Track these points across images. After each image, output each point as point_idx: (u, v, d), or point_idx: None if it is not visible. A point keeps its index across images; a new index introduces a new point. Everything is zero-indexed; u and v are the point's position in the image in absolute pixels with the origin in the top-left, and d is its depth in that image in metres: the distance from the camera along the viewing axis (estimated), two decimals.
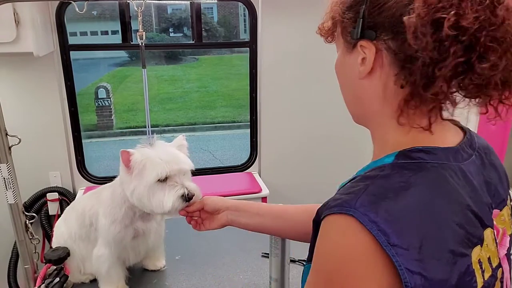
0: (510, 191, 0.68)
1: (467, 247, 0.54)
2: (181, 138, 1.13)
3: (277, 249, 1.08)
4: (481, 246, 0.56)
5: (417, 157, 0.57)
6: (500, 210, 0.64)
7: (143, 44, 1.68)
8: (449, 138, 0.61)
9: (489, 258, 0.58)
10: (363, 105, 0.66)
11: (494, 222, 0.61)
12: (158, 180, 1.01)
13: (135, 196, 1.04)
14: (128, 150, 1.01)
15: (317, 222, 0.58)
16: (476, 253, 0.55)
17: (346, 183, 0.61)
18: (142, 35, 1.64)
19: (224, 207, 1.03)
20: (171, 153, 1.05)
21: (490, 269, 0.58)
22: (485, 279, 0.57)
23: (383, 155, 0.61)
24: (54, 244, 1.25)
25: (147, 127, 1.14)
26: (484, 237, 0.57)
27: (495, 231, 0.61)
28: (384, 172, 0.56)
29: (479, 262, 0.56)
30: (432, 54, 0.52)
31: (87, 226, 1.20)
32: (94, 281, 1.25)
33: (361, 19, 0.60)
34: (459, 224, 0.53)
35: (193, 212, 1.04)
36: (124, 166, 1.03)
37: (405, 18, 0.53)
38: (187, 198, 1.01)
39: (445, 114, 0.62)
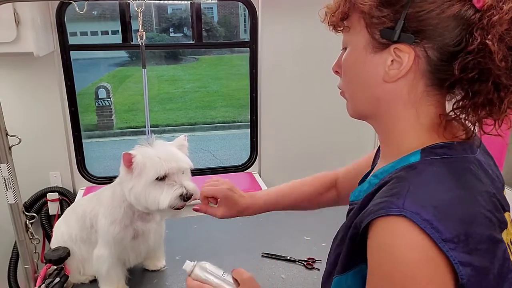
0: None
1: (500, 232, 0.56)
2: (182, 138, 1.14)
3: None
4: (507, 229, 0.58)
5: (442, 153, 0.59)
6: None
7: (143, 44, 1.68)
8: (458, 133, 0.63)
9: (510, 241, 0.60)
10: (379, 106, 0.65)
11: None
12: (157, 178, 1.01)
13: (132, 194, 1.04)
14: (130, 152, 1.02)
15: (355, 234, 0.58)
16: (505, 237, 0.57)
17: (370, 192, 0.61)
18: (142, 35, 1.64)
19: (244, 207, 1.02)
20: (170, 152, 1.05)
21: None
22: None
23: (401, 154, 0.62)
24: (54, 244, 1.25)
25: (146, 127, 1.14)
26: (507, 220, 0.59)
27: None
28: (417, 170, 0.57)
29: (508, 245, 0.58)
30: (506, 78, 0.55)
31: (88, 228, 1.20)
32: (94, 281, 1.25)
33: (403, 21, 0.57)
34: (491, 211, 0.55)
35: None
36: (125, 167, 1.03)
37: (489, 43, 0.53)
38: (186, 197, 1.02)
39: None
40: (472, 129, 0.60)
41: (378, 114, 0.66)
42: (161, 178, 1.02)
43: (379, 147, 0.86)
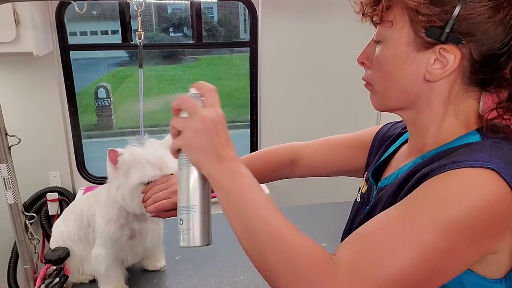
0: None
1: None
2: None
3: None
4: None
5: (494, 131, 0.61)
6: None
7: (141, 44, 1.67)
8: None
9: None
10: (416, 102, 0.65)
11: None
12: (141, 182, 1.00)
13: (119, 194, 1.04)
14: (116, 149, 1.02)
15: (418, 181, 0.57)
16: None
17: (428, 158, 0.62)
18: (141, 35, 1.63)
19: None
20: (159, 156, 1.02)
21: None
22: None
23: (441, 142, 0.63)
24: (53, 243, 1.25)
25: (140, 127, 1.15)
26: None
27: None
28: (487, 141, 0.59)
29: None
30: None
31: (85, 227, 1.19)
32: (93, 281, 1.25)
33: (453, 22, 0.56)
34: None
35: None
36: (111, 164, 1.03)
37: None
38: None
39: None
40: None
41: (414, 108, 0.66)
42: (146, 183, 1.00)
43: (374, 147, 0.86)
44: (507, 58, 0.58)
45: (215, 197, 0.59)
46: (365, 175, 0.84)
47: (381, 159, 0.79)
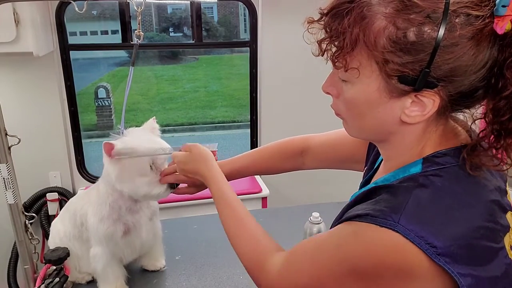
0: None
1: (501, 239, 0.55)
2: (151, 121, 1.16)
3: None
4: (509, 232, 0.58)
5: (444, 162, 0.57)
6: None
7: (138, 43, 1.67)
8: (461, 137, 0.62)
9: None
10: (389, 137, 0.62)
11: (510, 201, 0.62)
12: (144, 166, 1.04)
13: (125, 185, 1.06)
14: (110, 142, 1.03)
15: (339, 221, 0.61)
16: (507, 240, 0.56)
17: (367, 190, 0.61)
18: (140, 35, 1.63)
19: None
20: (150, 141, 1.08)
21: None
22: None
23: (404, 162, 0.61)
24: (50, 243, 1.25)
25: (121, 127, 1.17)
26: (509, 223, 0.58)
27: None
28: (418, 182, 0.55)
29: (511, 248, 0.57)
30: None
31: (79, 226, 1.20)
32: (93, 281, 1.25)
33: (428, 71, 0.51)
34: (493, 221, 0.55)
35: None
36: (108, 158, 1.04)
37: None
38: (174, 185, 1.07)
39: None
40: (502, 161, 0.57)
41: (386, 142, 0.64)
42: (150, 165, 1.05)
43: (372, 144, 0.86)
44: (485, 91, 0.56)
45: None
46: (363, 172, 0.84)
47: (373, 169, 0.79)
